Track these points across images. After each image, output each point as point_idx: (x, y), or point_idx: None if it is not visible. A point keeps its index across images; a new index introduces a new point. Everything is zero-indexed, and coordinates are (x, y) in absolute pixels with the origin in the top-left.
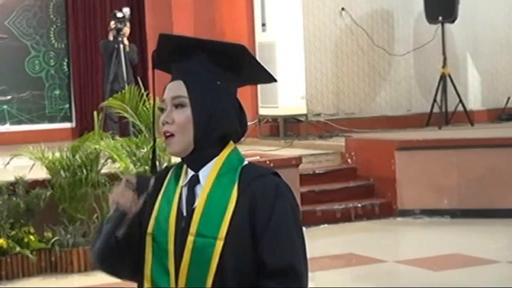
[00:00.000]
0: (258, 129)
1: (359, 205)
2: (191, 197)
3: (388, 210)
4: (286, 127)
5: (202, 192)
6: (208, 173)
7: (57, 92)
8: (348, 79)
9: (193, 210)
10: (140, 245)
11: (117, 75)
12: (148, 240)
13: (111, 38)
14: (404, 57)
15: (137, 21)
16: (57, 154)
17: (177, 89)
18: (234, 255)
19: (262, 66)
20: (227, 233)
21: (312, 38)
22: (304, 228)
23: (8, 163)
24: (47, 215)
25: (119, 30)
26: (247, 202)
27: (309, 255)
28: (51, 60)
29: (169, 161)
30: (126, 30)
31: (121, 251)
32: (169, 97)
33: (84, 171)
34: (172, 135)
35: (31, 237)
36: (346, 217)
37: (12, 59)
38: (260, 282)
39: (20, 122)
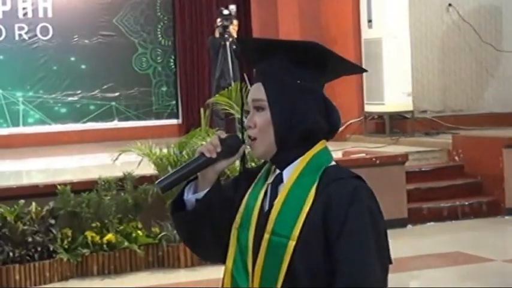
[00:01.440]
0: (363, 126)
1: (466, 203)
2: (274, 195)
3: (495, 209)
4: (392, 124)
5: (282, 191)
6: (290, 173)
7: (164, 88)
8: (454, 76)
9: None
10: (219, 224)
11: (224, 72)
12: (234, 234)
13: (217, 35)
14: None
15: (243, 17)
16: (165, 150)
17: (256, 91)
18: (306, 257)
19: (344, 59)
20: (299, 235)
21: (419, 35)
22: (410, 226)
23: (116, 159)
24: (155, 211)
25: (225, 28)
26: (322, 205)
27: (415, 253)
28: (158, 58)
29: None
30: (234, 27)
31: (198, 214)
32: (250, 100)
33: None
34: (254, 138)
35: (139, 232)
36: (453, 215)
37: (119, 56)
38: None
39: (127, 119)
